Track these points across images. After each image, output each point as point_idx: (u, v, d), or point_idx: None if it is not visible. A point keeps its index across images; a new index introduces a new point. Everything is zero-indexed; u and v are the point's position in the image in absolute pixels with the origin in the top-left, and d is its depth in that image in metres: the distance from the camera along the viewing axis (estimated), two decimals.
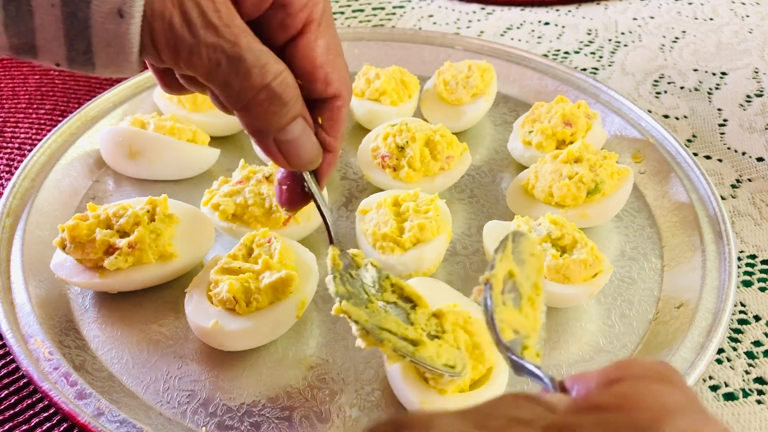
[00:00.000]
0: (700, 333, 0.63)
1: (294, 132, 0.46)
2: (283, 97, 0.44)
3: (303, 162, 0.48)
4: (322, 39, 0.45)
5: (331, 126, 0.49)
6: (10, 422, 0.60)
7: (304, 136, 0.47)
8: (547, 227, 0.68)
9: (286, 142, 0.46)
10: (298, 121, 0.46)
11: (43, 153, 0.83)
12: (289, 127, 0.45)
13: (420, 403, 0.55)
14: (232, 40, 0.40)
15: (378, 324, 0.53)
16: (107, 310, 0.68)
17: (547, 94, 0.98)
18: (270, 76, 0.42)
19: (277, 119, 0.45)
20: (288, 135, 0.46)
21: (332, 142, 0.50)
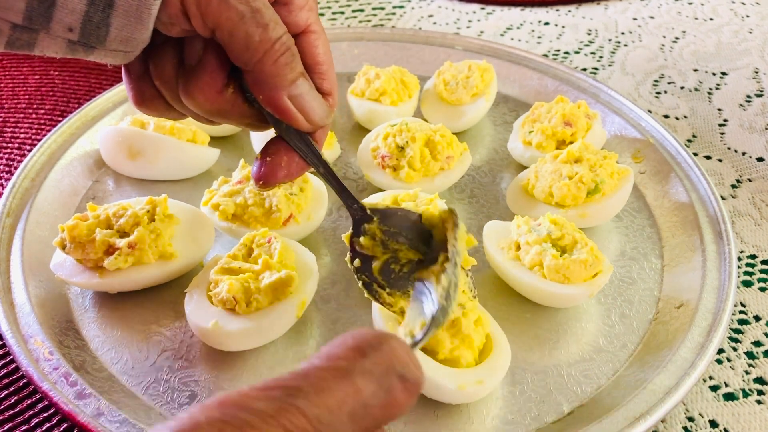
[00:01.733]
0: (700, 333, 0.63)
1: (303, 87, 0.47)
2: (293, 49, 0.46)
3: (319, 116, 0.49)
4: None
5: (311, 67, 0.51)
6: (10, 422, 0.60)
7: (312, 91, 0.48)
8: (547, 227, 0.68)
9: (299, 96, 0.47)
10: (304, 78, 0.48)
11: (43, 153, 0.83)
12: (298, 82, 0.47)
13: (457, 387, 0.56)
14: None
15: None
16: (107, 310, 0.68)
17: (547, 94, 0.98)
18: (282, 30, 0.45)
19: (290, 70, 0.46)
20: (298, 89, 0.47)
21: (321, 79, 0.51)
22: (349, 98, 0.93)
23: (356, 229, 0.56)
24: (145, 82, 0.49)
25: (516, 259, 0.68)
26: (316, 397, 0.28)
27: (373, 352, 0.31)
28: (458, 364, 0.58)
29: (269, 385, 0.29)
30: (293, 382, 0.29)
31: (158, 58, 0.47)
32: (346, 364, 0.30)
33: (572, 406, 0.60)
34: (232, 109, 0.48)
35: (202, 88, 0.46)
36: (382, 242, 0.56)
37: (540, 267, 0.66)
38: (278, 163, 0.50)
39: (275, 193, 0.71)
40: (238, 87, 0.48)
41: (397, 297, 0.56)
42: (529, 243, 0.67)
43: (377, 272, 0.56)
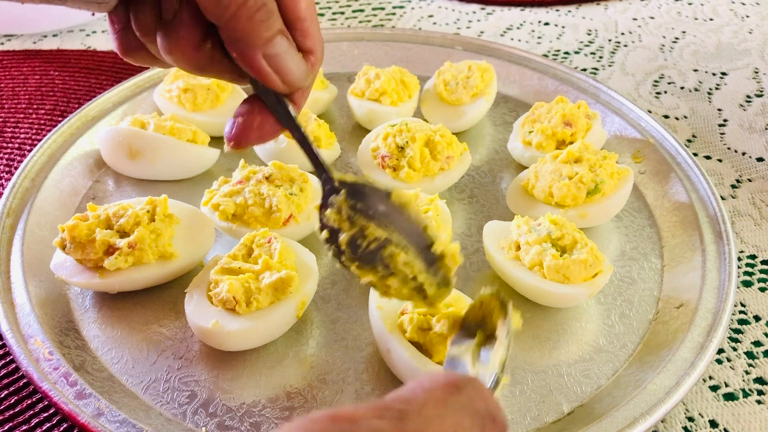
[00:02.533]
0: (700, 333, 0.63)
1: (281, 46, 0.45)
2: (268, 5, 0.43)
3: (296, 76, 0.46)
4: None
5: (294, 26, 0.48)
6: (10, 422, 0.60)
7: (291, 51, 0.46)
8: (547, 227, 0.68)
9: (275, 56, 0.45)
10: (282, 36, 0.45)
11: (43, 153, 0.83)
12: (275, 40, 0.44)
13: None
14: None
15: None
16: (107, 310, 0.68)
17: (547, 94, 0.98)
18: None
19: (265, 28, 0.44)
20: (275, 48, 0.45)
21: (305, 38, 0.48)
22: (349, 98, 0.93)
23: (324, 201, 0.53)
24: (130, 32, 0.47)
25: (516, 259, 0.68)
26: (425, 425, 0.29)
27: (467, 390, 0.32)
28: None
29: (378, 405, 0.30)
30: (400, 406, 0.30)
31: (138, 10, 0.45)
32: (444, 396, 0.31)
33: (572, 406, 0.60)
34: (211, 65, 0.46)
35: (179, 43, 0.44)
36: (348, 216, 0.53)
37: (540, 267, 0.66)
38: (250, 123, 0.48)
39: (275, 193, 0.71)
40: (216, 42, 0.45)
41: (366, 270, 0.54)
42: (529, 243, 0.67)
43: (345, 245, 0.53)
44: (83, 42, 1.16)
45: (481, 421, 0.31)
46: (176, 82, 0.90)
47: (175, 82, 0.90)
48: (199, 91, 0.89)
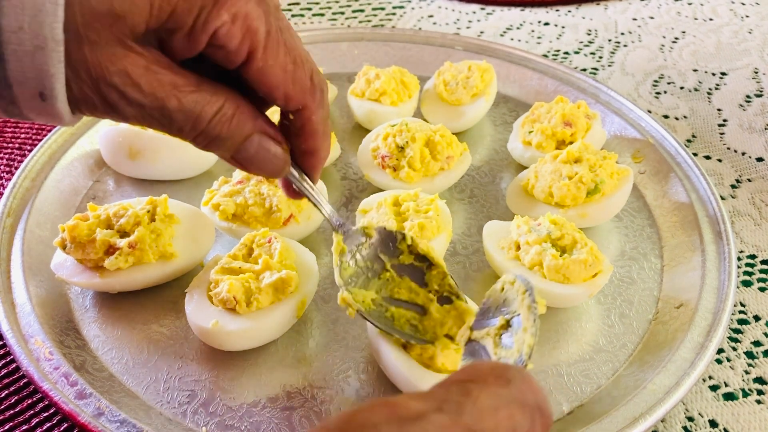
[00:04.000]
0: (699, 333, 0.63)
1: (248, 151, 0.46)
2: (221, 135, 0.44)
3: (267, 173, 0.49)
4: (271, 60, 0.44)
5: (303, 133, 0.50)
6: (10, 422, 0.60)
7: (261, 151, 0.47)
8: (547, 227, 0.68)
9: (244, 159, 0.47)
10: (252, 140, 0.46)
11: (43, 153, 0.83)
12: (242, 147, 0.46)
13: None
14: (159, 105, 0.41)
15: (386, 294, 0.59)
16: (107, 310, 0.68)
17: (547, 95, 0.98)
18: (203, 124, 0.43)
19: (223, 149, 0.46)
20: (243, 154, 0.46)
21: (310, 145, 0.51)
22: (349, 98, 0.93)
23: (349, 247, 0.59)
24: None
25: (516, 259, 0.68)
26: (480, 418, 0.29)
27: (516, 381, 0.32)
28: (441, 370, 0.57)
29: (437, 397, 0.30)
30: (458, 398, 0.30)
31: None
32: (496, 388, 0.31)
33: (572, 406, 0.60)
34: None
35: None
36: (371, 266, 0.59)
37: (540, 267, 0.66)
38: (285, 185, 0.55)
39: (275, 193, 0.71)
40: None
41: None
42: (529, 243, 0.67)
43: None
44: None
45: (531, 414, 0.31)
46: None
47: None
48: None
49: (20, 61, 0.37)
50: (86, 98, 0.40)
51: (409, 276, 0.60)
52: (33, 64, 0.37)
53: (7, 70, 0.37)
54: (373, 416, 0.28)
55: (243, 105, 0.45)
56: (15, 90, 0.38)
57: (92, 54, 0.38)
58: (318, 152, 0.51)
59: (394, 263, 0.60)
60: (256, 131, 0.46)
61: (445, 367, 0.57)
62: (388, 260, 0.60)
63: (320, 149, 0.51)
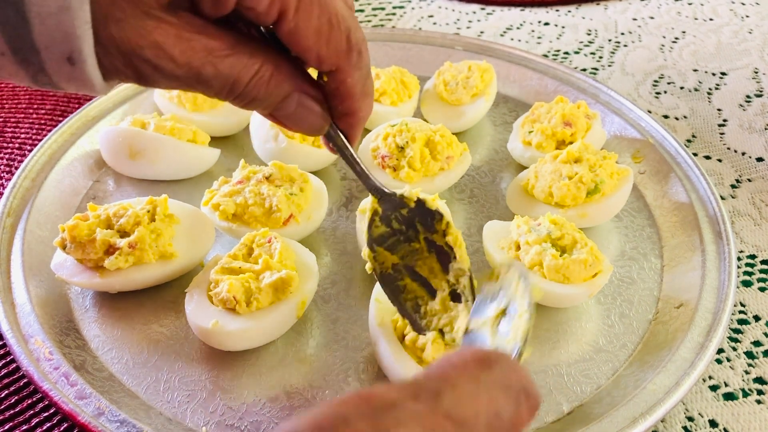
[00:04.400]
0: (699, 333, 0.63)
1: (287, 109, 0.46)
2: (259, 96, 0.44)
3: (306, 131, 0.49)
4: (303, 22, 0.43)
5: (337, 94, 0.49)
6: (10, 422, 0.60)
7: (300, 109, 0.47)
8: (547, 227, 0.68)
9: (283, 116, 0.47)
10: (291, 98, 0.46)
11: (43, 153, 0.83)
12: (281, 106, 0.46)
13: None
14: (194, 74, 0.41)
15: (409, 263, 0.59)
16: (107, 310, 0.68)
17: (547, 95, 0.98)
18: (240, 87, 0.43)
19: (263, 108, 0.46)
20: (281, 112, 0.46)
21: (348, 107, 0.50)
22: None
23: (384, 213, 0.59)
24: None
25: (516, 259, 0.68)
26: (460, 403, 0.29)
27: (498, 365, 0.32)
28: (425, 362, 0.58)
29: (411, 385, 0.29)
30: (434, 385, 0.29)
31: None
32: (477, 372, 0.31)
33: (572, 406, 0.60)
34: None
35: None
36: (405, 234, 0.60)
37: (540, 267, 0.66)
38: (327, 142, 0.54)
39: (275, 193, 0.71)
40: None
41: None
42: (528, 243, 0.67)
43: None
44: None
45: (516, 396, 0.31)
46: None
47: None
48: None
49: (44, 24, 0.36)
50: (119, 71, 0.39)
51: (436, 255, 0.60)
52: (58, 25, 0.36)
53: (33, 34, 0.36)
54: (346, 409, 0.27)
55: (282, 65, 0.44)
56: (42, 55, 0.37)
57: (119, 32, 0.37)
58: (356, 113, 0.51)
59: (427, 236, 0.60)
60: (295, 90, 0.46)
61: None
62: (423, 231, 0.60)
63: (358, 110, 0.51)
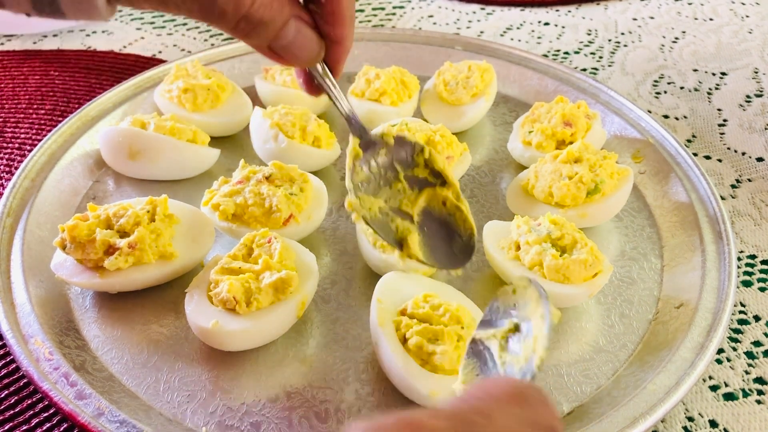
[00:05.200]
0: (699, 333, 0.63)
1: (287, 37, 0.46)
2: (264, 19, 0.44)
3: (302, 61, 0.49)
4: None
5: (333, 19, 0.48)
6: (10, 422, 0.60)
7: (299, 36, 0.47)
8: (547, 227, 0.68)
9: (281, 47, 0.46)
10: (290, 25, 0.46)
11: (43, 153, 0.83)
12: (281, 34, 0.45)
13: (429, 392, 0.56)
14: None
15: (399, 205, 0.58)
16: (107, 310, 0.68)
17: (547, 94, 0.98)
18: (245, 7, 0.42)
19: (264, 35, 0.45)
20: (281, 41, 0.46)
21: (338, 33, 0.49)
22: (350, 98, 0.93)
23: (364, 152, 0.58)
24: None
25: (516, 259, 0.68)
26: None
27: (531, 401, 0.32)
28: (437, 369, 0.57)
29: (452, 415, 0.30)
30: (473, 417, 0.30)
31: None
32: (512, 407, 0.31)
33: (572, 406, 0.60)
34: None
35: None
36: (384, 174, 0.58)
37: (540, 267, 0.66)
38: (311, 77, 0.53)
39: (275, 193, 0.71)
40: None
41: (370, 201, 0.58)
42: (529, 243, 0.67)
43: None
44: (83, 42, 1.16)
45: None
46: (176, 83, 0.90)
47: (175, 82, 0.90)
48: (199, 92, 0.89)
49: None
50: None
51: (419, 189, 0.59)
52: None
53: None
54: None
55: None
56: None
57: None
58: (344, 41, 0.50)
59: (408, 174, 0.59)
60: (294, 16, 0.46)
61: (443, 366, 0.57)
62: (402, 170, 0.59)
63: (347, 37, 0.50)
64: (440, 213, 0.59)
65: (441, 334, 0.58)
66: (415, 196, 0.58)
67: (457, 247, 0.59)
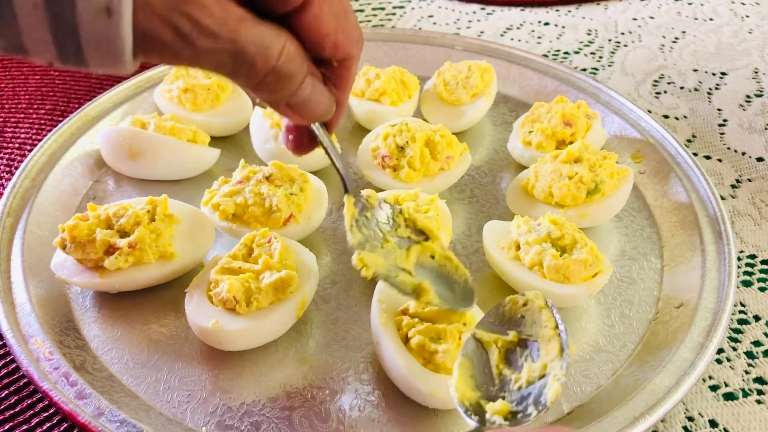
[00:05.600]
0: (699, 333, 0.63)
1: (304, 93, 0.46)
2: (290, 72, 0.44)
3: (317, 116, 0.49)
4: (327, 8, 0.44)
5: (340, 83, 0.50)
6: (11, 422, 0.60)
7: (315, 92, 0.47)
8: (547, 227, 0.68)
9: (298, 103, 0.47)
10: (307, 82, 0.46)
11: (43, 153, 0.83)
12: (299, 91, 0.46)
13: (431, 392, 0.56)
14: (232, 38, 0.40)
15: (395, 263, 0.58)
16: (107, 310, 0.68)
17: (547, 94, 0.98)
18: (274, 59, 0.42)
19: (288, 89, 0.45)
20: (298, 97, 0.46)
21: (340, 96, 0.50)
22: (349, 98, 0.93)
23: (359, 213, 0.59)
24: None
25: (516, 258, 0.68)
26: None
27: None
28: (439, 369, 0.57)
29: None
30: None
31: None
32: None
33: (572, 406, 0.60)
34: None
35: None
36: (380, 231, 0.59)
37: (540, 267, 0.66)
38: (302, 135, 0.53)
39: (275, 193, 0.71)
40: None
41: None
42: (529, 243, 0.67)
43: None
44: None
45: None
46: (176, 83, 0.90)
47: (176, 82, 0.90)
48: (199, 92, 0.89)
49: None
50: (155, 34, 0.38)
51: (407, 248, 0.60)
52: None
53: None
54: None
55: (299, 44, 0.44)
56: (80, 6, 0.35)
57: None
58: (343, 103, 0.52)
59: (393, 234, 0.60)
60: (309, 73, 0.46)
61: (445, 365, 0.57)
62: (387, 231, 0.60)
63: (346, 100, 0.52)
64: (432, 265, 0.60)
65: (443, 333, 0.58)
66: (405, 254, 0.60)
67: (458, 292, 0.60)
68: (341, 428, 0.58)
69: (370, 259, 0.56)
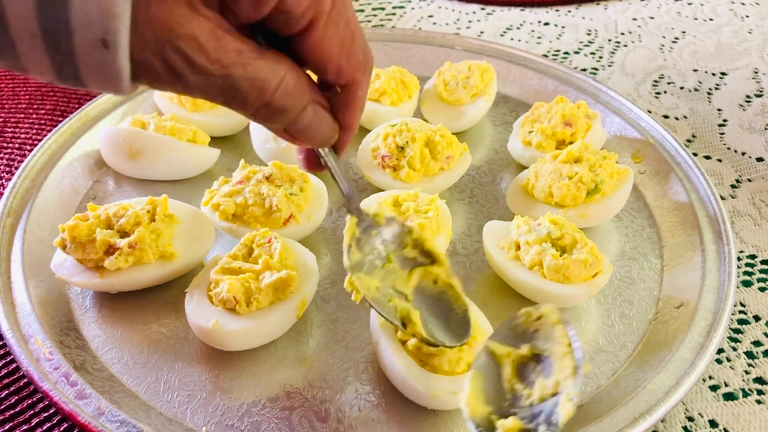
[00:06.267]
0: (699, 333, 0.63)
1: (304, 121, 0.46)
2: (284, 107, 0.43)
3: (317, 143, 0.49)
4: (331, 33, 0.43)
5: (347, 108, 0.49)
6: (11, 422, 0.60)
7: (316, 121, 0.47)
8: (547, 227, 0.68)
9: (297, 130, 0.46)
10: (308, 109, 0.45)
11: (43, 153, 0.83)
12: (299, 119, 0.45)
13: (429, 393, 0.56)
14: (224, 74, 0.39)
15: (393, 284, 0.58)
16: (107, 310, 0.68)
17: (547, 94, 0.98)
18: (269, 94, 0.42)
19: (283, 121, 0.45)
20: (299, 125, 0.46)
21: (348, 120, 0.50)
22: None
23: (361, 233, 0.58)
24: None
25: (516, 259, 0.68)
26: None
27: None
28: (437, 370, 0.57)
29: None
30: None
31: None
32: None
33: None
34: None
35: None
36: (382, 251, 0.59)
37: (540, 267, 0.66)
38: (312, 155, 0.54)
39: (275, 193, 0.71)
40: None
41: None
42: (529, 243, 0.67)
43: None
44: None
45: None
46: None
47: None
48: None
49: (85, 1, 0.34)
50: (148, 65, 0.38)
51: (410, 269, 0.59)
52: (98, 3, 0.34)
53: (70, 11, 0.34)
54: None
55: (302, 74, 0.44)
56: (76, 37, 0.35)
57: (160, 12, 0.36)
58: (352, 127, 0.51)
59: (398, 254, 0.59)
60: (312, 101, 0.45)
61: (441, 367, 0.57)
62: (393, 251, 0.59)
63: (355, 124, 0.51)
64: (432, 291, 0.60)
65: None
66: (406, 276, 0.59)
67: (453, 323, 0.58)
68: (341, 428, 0.58)
69: (362, 282, 0.56)
